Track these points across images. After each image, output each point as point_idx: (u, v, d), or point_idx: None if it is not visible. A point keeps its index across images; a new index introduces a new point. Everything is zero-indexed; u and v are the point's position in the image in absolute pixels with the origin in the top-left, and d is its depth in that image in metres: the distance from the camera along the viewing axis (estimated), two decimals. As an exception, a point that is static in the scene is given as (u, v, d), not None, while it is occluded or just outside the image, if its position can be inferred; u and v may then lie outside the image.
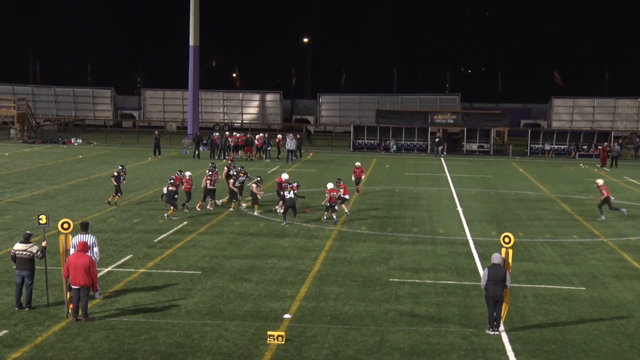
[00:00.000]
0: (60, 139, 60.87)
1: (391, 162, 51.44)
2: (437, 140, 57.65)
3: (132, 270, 20.18)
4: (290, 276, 19.96)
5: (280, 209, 28.43)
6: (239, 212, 29.14)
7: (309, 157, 53.15)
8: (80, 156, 49.59)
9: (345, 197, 28.82)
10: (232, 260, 21.52)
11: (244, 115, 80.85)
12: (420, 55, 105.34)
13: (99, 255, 17.90)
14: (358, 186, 34.98)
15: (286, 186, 27.40)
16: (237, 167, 31.99)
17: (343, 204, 28.85)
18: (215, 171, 30.23)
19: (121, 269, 20.23)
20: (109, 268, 20.25)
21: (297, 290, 18.60)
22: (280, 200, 28.48)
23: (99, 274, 18.71)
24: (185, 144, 58.66)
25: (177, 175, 29.57)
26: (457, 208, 31.90)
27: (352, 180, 35.50)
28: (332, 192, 27.71)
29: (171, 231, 25.37)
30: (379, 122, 62.02)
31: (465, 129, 60.43)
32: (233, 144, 50.98)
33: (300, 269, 20.71)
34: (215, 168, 30.71)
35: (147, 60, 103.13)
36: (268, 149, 50.60)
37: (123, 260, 21.20)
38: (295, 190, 27.37)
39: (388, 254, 22.81)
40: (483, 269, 17.90)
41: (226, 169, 31.90)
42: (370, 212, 30.49)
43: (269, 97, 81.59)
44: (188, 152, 53.71)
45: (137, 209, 29.66)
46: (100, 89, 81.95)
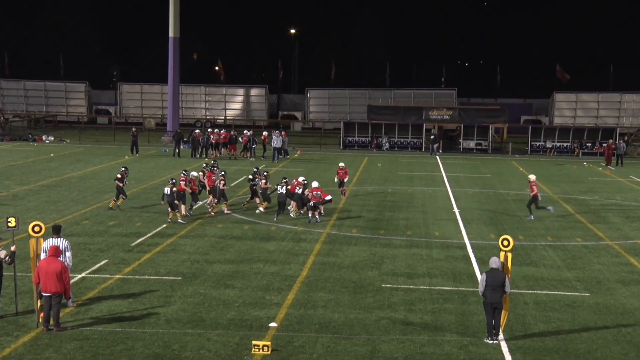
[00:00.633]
0: (30, 136, 60.61)
1: (383, 161, 51.49)
2: (432, 137, 57.75)
3: (108, 276, 20.09)
4: (276, 282, 19.93)
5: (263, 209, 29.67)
6: (221, 214, 29.08)
7: (296, 156, 53.14)
8: (52, 155, 49.39)
9: (327, 198, 28.85)
10: (214, 266, 21.47)
11: (227, 111, 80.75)
12: (415, 48, 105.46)
13: (72, 261, 17.80)
14: (343, 188, 34.15)
15: (286, 182, 28.84)
16: (216, 167, 32.37)
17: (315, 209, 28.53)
18: (214, 171, 31.08)
19: (96, 275, 20.13)
20: (83, 274, 20.15)
21: (283, 297, 18.57)
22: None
23: (72, 281, 18.59)
24: (165, 141, 58.51)
25: (184, 174, 29.05)
26: (454, 209, 31.95)
27: (334, 182, 35.01)
28: (313, 191, 28.24)
29: (149, 234, 25.30)
30: (371, 118, 62.10)
31: (462, 125, 60.57)
32: (214, 141, 50.92)
33: (287, 275, 20.68)
34: (215, 166, 31.79)
35: (124, 53, 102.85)
36: (253, 146, 50.56)
37: (98, 265, 21.11)
38: (287, 185, 28.72)
39: (380, 258, 22.80)
40: (481, 274, 17.92)
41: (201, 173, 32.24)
42: (361, 213, 30.49)
43: (253, 91, 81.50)
44: (168, 150, 53.58)
45: (113, 211, 29.54)
46: (73, 83, 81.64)
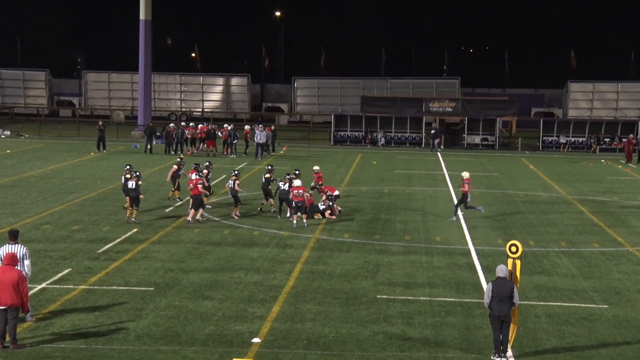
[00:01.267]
0: (-16, 130, 60.35)
1: (379, 158, 51.53)
2: (433, 132, 57.80)
3: (71, 286, 20.02)
4: (260, 293, 19.92)
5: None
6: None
7: (282, 152, 53.14)
8: (8, 151, 49.21)
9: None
10: (191, 275, 21.44)
11: (205, 102, 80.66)
12: (413, 32, 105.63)
13: (31, 270, 17.72)
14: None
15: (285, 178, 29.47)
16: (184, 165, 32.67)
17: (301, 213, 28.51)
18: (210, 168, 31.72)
19: (58, 286, 20.06)
20: (43, 284, 20.08)
21: (268, 310, 18.56)
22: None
23: (31, 292, 18.53)
24: (135, 136, 58.38)
25: (200, 176, 28.59)
26: (457, 212, 31.97)
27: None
28: (295, 190, 28.21)
29: (118, 240, 25.23)
30: (365, 111, 62.06)
31: (466, 118, 60.62)
32: (191, 136, 50.83)
33: (271, 285, 20.67)
34: (211, 165, 32.35)
35: (90, 37, 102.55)
36: (234, 142, 50.51)
37: (60, 275, 21.03)
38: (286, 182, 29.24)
39: (375, 266, 22.81)
40: (487, 284, 17.96)
41: (175, 167, 32.19)
42: (354, 216, 30.50)
43: (234, 81, 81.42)
44: (138, 146, 53.47)
45: (78, 214, 29.46)
46: (32, 71, 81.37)
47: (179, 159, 33.32)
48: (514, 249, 15.87)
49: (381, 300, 19.54)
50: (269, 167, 31.26)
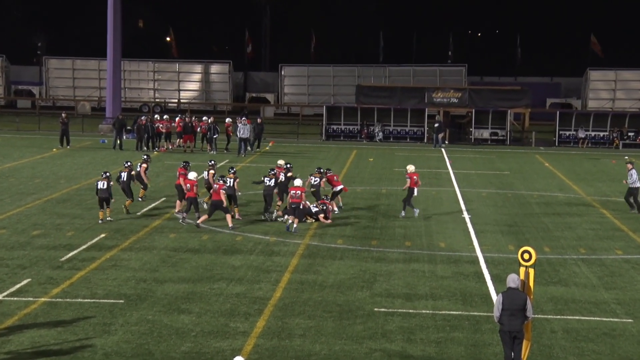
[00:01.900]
0: None
1: (376, 155, 51.57)
2: (436, 125, 57.89)
3: (31, 299, 19.98)
4: (243, 306, 19.91)
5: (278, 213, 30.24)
6: (175, 222, 29.02)
7: (267, 148, 53.15)
8: (-40, 147, 49.14)
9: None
10: (165, 285, 21.42)
11: (181, 92, 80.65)
12: (415, 14, 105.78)
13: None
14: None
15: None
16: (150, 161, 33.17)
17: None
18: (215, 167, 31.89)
19: (15, 298, 20.02)
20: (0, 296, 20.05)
21: (252, 325, 18.55)
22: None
23: (-14, 305, 18.50)
24: (103, 130, 58.35)
25: (223, 181, 28.51)
26: (463, 215, 32.03)
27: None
28: (293, 191, 28.34)
29: (84, 247, 25.19)
30: (360, 102, 62.13)
31: (473, 110, 60.76)
32: (166, 130, 50.77)
33: (256, 296, 20.66)
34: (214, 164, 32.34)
35: (51, 19, 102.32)
36: (214, 137, 50.47)
37: (18, 286, 20.98)
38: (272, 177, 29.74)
39: (372, 276, 22.82)
40: (497, 295, 17.99)
41: (145, 165, 32.57)
42: (348, 220, 30.51)
43: (214, 68, 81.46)
44: (107, 141, 53.40)
45: (38, 217, 29.40)
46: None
47: (145, 156, 33.53)
48: (526, 256, 15.87)
49: (379, 314, 19.54)
50: (288, 165, 31.69)
